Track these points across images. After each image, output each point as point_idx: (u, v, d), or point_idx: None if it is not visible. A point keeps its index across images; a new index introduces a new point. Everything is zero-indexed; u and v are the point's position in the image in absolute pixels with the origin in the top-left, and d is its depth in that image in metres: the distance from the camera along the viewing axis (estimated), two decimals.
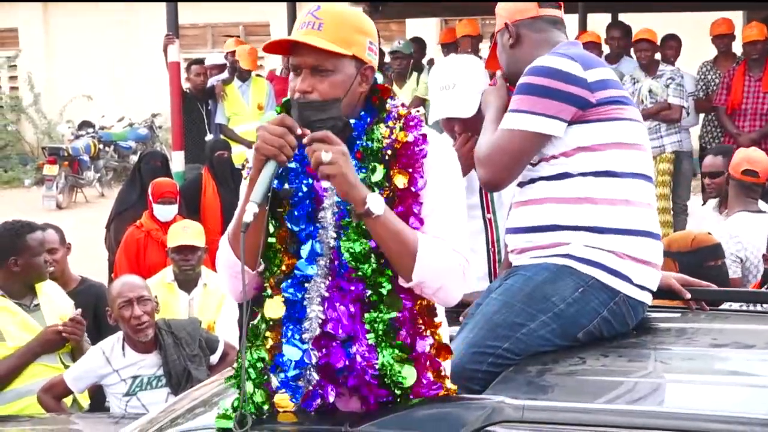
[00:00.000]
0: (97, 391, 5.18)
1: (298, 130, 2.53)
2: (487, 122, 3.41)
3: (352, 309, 2.56)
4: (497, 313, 3.11)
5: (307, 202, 2.60)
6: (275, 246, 2.61)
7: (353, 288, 2.56)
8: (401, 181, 2.57)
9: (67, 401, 5.10)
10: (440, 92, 4.04)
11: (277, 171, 2.54)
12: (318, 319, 2.57)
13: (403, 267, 2.55)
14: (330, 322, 2.56)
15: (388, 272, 2.56)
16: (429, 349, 2.61)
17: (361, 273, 2.55)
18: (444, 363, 2.66)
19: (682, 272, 3.78)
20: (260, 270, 2.63)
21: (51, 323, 5.12)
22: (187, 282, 6.15)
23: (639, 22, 10.51)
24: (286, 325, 2.59)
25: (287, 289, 2.59)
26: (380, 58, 2.74)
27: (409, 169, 2.58)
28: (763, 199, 5.83)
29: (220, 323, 5.92)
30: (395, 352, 2.55)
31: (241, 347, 2.55)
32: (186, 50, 14.31)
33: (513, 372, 2.94)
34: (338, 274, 2.57)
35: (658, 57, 9.73)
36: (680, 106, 9.38)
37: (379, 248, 2.55)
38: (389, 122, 2.62)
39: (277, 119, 2.56)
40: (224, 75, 10.62)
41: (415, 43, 11.17)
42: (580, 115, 3.19)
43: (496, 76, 3.57)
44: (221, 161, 8.60)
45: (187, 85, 10.53)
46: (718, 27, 10.03)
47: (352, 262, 2.54)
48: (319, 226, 2.59)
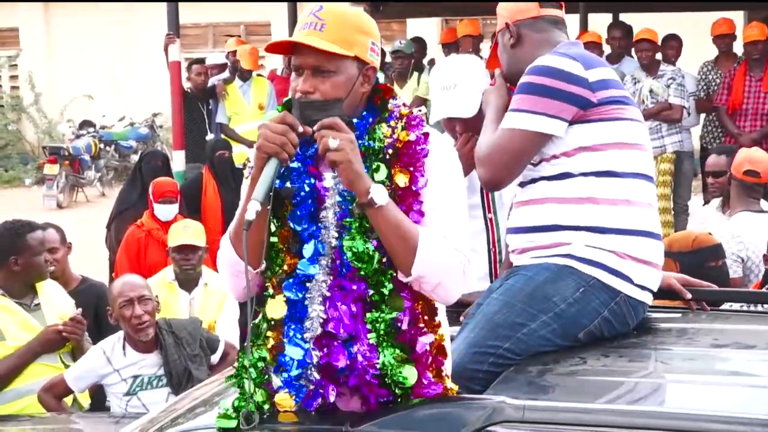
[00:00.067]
0: (98, 391, 5.18)
1: (300, 128, 2.53)
2: (488, 121, 3.41)
3: (354, 308, 2.56)
4: (498, 313, 3.11)
5: (309, 202, 2.59)
6: (277, 245, 2.61)
7: (355, 287, 2.56)
8: (402, 179, 2.57)
9: (68, 401, 5.09)
10: (441, 92, 4.04)
11: (279, 169, 2.54)
12: (319, 319, 2.57)
13: (403, 261, 2.55)
14: (331, 321, 2.56)
15: (390, 272, 2.56)
16: (430, 348, 2.61)
17: (363, 272, 2.54)
18: (445, 363, 2.66)
19: (682, 272, 3.77)
20: (262, 269, 2.63)
21: (51, 323, 5.12)
22: (188, 281, 6.15)
23: (640, 22, 10.51)
24: (288, 324, 2.59)
25: (289, 288, 2.58)
26: (381, 58, 2.74)
27: (410, 168, 2.58)
28: (765, 199, 5.82)
29: (221, 323, 5.91)
30: (396, 351, 2.55)
31: (247, 344, 2.55)
32: (187, 50, 14.31)
33: (514, 372, 2.94)
34: (340, 274, 2.57)
35: (659, 57, 9.73)
36: (681, 106, 9.38)
37: (381, 243, 2.54)
38: (391, 122, 2.62)
39: (279, 117, 2.56)
40: (225, 74, 10.61)
41: (416, 43, 11.16)
42: (581, 114, 3.18)
43: (496, 75, 3.56)
44: (222, 161, 8.59)
45: (188, 85, 10.54)
46: (718, 27, 10.03)
47: (354, 262, 2.54)
48: (321, 226, 2.59)
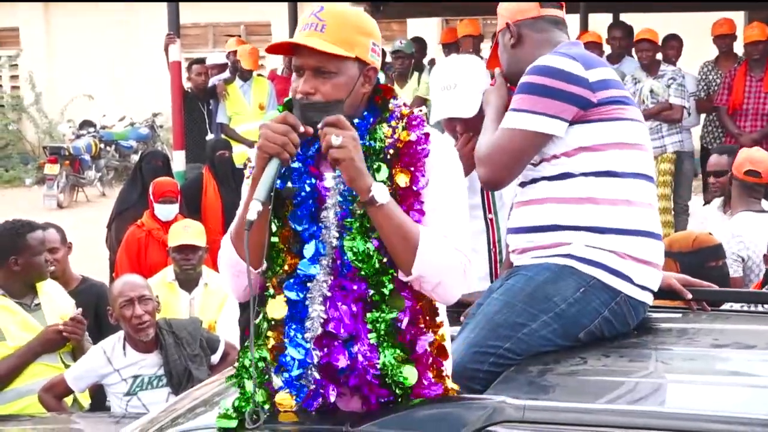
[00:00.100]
0: (98, 391, 5.18)
1: (301, 128, 2.53)
2: (488, 121, 3.41)
3: (354, 308, 2.56)
4: (498, 313, 3.11)
5: (310, 202, 2.59)
6: (278, 245, 2.61)
7: (355, 287, 2.55)
8: (403, 179, 2.57)
9: (68, 401, 5.09)
10: (442, 92, 4.04)
11: (281, 169, 2.54)
12: (320, 319, 2.56)
13: (404, 260, 2.55)
14: (332, 321, 2.56)
15: (391, 271, 2.56)
16: (430, 348, 2.61)
17: (363, 272, 2.54)
18: (445, 363, 2.66)
19: (683, 272, 3.78)
20: (263, 270, 2.63)
21: (52, 323, 5.12)
22: (188, 281, 6.15)
23: (640, 22, 10.51)
24: (289, 324, 2.59)
25: (290, 288, 2.58)
26: (382, 58, 2.74)
27: (411, 168, 2.58)
28: (766, 199, 5.83)
29: (221, 323, 5.91)
30: (396, 351, 2.55)
31: (250, 343, 2.55)
32: (187, 50, 14.32)
33: (514, 372, 2.94)
34: (340, 274, 2.57)
35: (659, 57, 9.73)
36: (681, 107, 9.37)
37: (382, 244, 2.54)
38: (392, 122, 2.62)
39: (280, 117, 2.55)
40: (226, 74, 10.62)
41: (416, 43, 11.16)
42: (581, 114, 3.18)
43: (496, 74, 3.56)
44: (222, 161, 8.60)
45: (188, 85, 10.54)
46: (719, 27, 10.03)
47: (355, 262, 2.54)
48: (322, 226, 2.59)
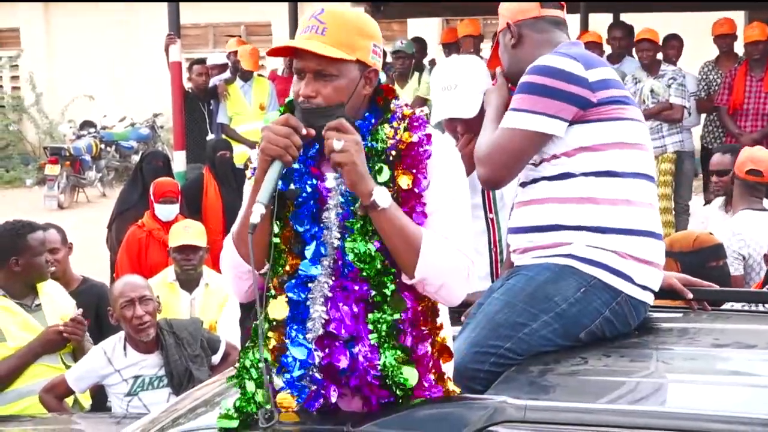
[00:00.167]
0: (99, 391, 5.18)
1: (303, 131, 2.53)
2: (488, 121, 3.41)
3: (356, 309, 2.55)
4: (499, 313, 3.10)
5: (311, 203, 2.59)
6: (279, 246, 2.61)
7: (357, 288, 2.55)
8: (405, 181, 2.57)
9: (69, 401, 5.09)
10: (442, 93, 4.04)
11: (283, 171, 2.54)
12: (321, 320, 2.56)
13: (407, 262, 2.54)
14: (333, 322, 2.56)
15: (393, 271, 2.55)
16: (431, 350, 2.61)
17: (365, 273, 2.54)
18: (446, 365, 2.66)
19: (684, 272, 3.77)
20: (264, 271, 2.62)
21: (52, 323, 5.12)
22: (189, 282, 6.15)
23: (641, 22, 10.50)
24: (290, 325, 2.59)
25: (291, 289, 2.58)
26: (383, 59, 2.73)
27: (413, 170, 2.58)
28: (767, 198, 5.83)
29: (222, 323, 5.91)
30: (397, 353, 2.54)
31: (260, 343, 2.54)
32: (187, 50, 14.31)
33: (515, 372, 2.94)
34: (342, 275, 2.57)
35: (659, 57, 9.72)
36: (682, 106, 9.37)
37: (384, 246, 2.54)
38: (393, 123, 2.62)
39: (282, 119, 2.55)
40: (226, 75, 10.62)
41: (417, 43, 11.16)
42: (581, 114, 3.18)
43: (497, 74, 3.57)
44: (223, 161, 8.60)
45: (189, 85, 10.54)
46: (719, 27, 10.03)
47: (357, 263, 2.54)
48: (323, 227, 2.58)
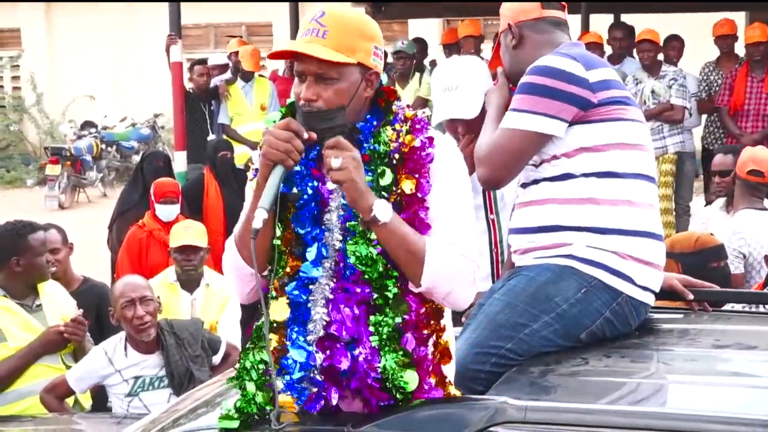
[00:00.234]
0: (100, 392, 5.18)
1: (305, 135, 2.52)
2: (488, 121, 3.41)
3: (357, 311, 2.55)
4: (500, 314, 3.11)
5: (313, 205, 2.59)
6: (279, 248, 2.60)
7: (359, 291, 2.55)
8: (408, 186, 2.56)
9: (69, 401, 5.09)
10: (443, 93, 4.04)
11: (284, 176, 2.53)
12: (322, 321, 2.56)
13: (412, 273, 2.55)
14: (334, 324, 2.55)
15: (395, 275, 2.55)
16: (433, 351, 2.61)
17: (367, 276, 2.54)
18: (447, 369, 2.65)
19: (684, 273, 3.78)
20: (266, 273, 2.62)
21: (53, 323, 5.12)
22: (190, 282, 6.15)
23: (641, 23, 10.51)
24: (291, 327, 2.58)
25: (292, 291, 2.58)
26: (384, 59, 2.73)
27: (416, 175, 2.57)
28: None
29: (223, 324, 5.91)
30: (398, 356, 2.54)
31: (267, 345, 2.53)
32: (188, 50, 14.31)
33: (516, 372, 2.94)
34: (343, 276, 2.56)
35: (660, 58, 9.72)
36: (683, 107, 9.37)
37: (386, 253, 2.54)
38: (396, 125, 2.61)
39: (283, 124, 2.54)
40: (227, 75, 10.62)
41: (417, 44, 11.15)
42: (581, 115, 3.18)
43: (498, 73, 3.57)
44: (224, 161, 8.59)
45: (190, 86, 10.53)
46: (720, 28, 10.03)
47: (359, 265, 2.53)
48: (325, 229, 2.58)
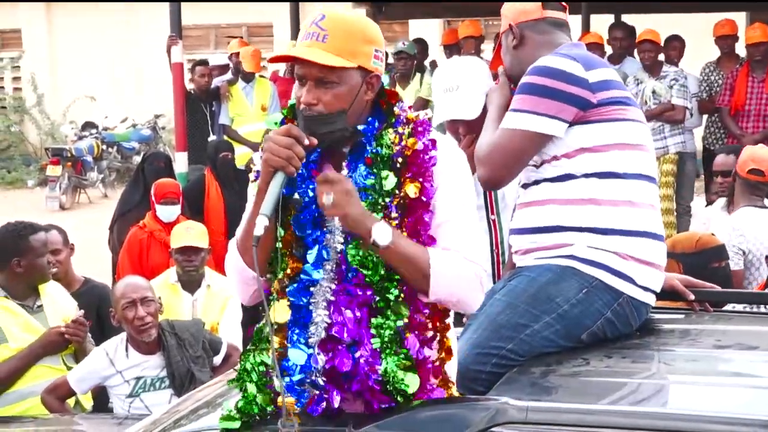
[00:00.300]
0: (101, 392, 5.18)
1: (306, 141, 2.52)
2: (489, 121, 3.41)
3: (358, 314, 2.55)
4: (501, 314, 3.10)
5: (313, 207, 2.58)
6: (281, 250, 2.59)
7: (360, 293, 2.55)
8: (412, 190, 2.56)
9: (71, 402, 5.09)
10: (444, 94, 4.04)
11: (286, 182, 2.53)
12: (323, 323, 2.56)
13: (419, 287, 2.56)
14: (336, 326, 2.55)
15: (396, 278, 2.55)
16: (438, 350, 2.61)
17: (368, 279, 2.54)
18: (449, 368, 2.66)
19: (686, 273, 3.77)
20: (268, 276, 2.62)
21: (54, 324, 5.12)
22: (191, 283, 6.15)
23: (642, 23, 10.51)
24: (292, 329, 2.58)
25: (293, 293, 2.58)
26: (384, 60, 2.73)
27: (420, 179, 2.56)
28: None
29: (224, 324, 5.91)
30: (399, 359, 2.54)
31: (271, 348, 2.53)
32: (188, 51, 14.32)
33: (517, 373, 2.94)
34: (345, 279, 2.56)
35: (661, 58, 9.73)
36: (684, 107, 9.37)
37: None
38: (398, 127, 2.60)
39: (284, 130, 2.54)
40: (228, 76, 10.62)
41: (418, 44, 11.15)
42: (581, 115, 3.18)
43: (499, 73, 3.57)
44: (224, 162, 8.60)
45: (190, 86, 10.54)
46: (721, 28, 10.03)
47: (360, 269, 2.53)
48: (326, 231, 2.58)
